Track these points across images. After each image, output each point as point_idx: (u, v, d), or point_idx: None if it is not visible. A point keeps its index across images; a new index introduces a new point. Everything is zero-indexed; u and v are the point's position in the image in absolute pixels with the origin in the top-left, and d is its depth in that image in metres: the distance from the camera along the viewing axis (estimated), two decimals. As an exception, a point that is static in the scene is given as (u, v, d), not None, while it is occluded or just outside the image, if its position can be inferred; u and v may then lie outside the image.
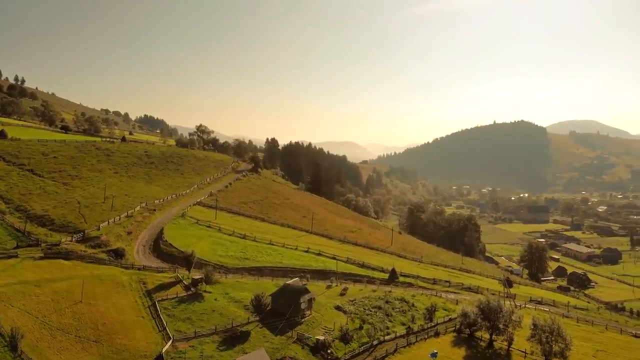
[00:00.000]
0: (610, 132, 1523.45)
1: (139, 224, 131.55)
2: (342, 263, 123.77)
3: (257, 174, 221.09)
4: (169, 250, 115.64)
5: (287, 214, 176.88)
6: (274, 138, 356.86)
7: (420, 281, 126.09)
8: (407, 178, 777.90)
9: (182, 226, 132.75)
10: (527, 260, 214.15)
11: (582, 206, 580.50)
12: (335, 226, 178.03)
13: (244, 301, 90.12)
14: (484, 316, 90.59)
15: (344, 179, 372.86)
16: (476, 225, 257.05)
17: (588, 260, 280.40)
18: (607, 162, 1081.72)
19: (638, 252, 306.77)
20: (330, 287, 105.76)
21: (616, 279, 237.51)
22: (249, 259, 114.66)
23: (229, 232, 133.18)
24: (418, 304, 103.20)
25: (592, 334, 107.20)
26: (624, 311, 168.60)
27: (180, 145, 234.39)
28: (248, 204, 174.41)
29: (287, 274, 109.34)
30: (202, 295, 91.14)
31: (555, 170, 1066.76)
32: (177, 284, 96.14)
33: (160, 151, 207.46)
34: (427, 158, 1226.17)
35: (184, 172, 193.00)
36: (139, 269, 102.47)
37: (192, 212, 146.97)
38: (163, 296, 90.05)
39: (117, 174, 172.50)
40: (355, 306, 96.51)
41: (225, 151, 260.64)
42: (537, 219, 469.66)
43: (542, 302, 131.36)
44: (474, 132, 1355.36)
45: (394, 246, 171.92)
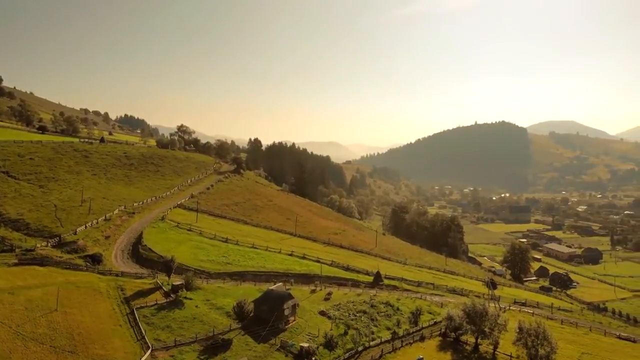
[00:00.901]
0: (590, 132, 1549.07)
1: (117, 227, 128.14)
2: (326, 266, 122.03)
3: (240, 175, 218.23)
4: (149, 255, 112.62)
5: (271, 216, 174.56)
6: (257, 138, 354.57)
7: (405, 284, 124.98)
8: (390, 178, 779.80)
9: (162, 230, 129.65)
10: (510, 261, 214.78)
11: (563, 206, 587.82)
12: (319, 228, 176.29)
13: (225, 308, 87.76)
14: (470, 320, 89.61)
15: (327, 180, 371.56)
16: (459, 226, 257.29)
17: (569, 260, 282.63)
18: (586, 162, 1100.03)
19: (619, 252, 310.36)
20: (315, 291, 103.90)
21: (597, 279, 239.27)
22: (231, 263, 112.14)
23: (210, 236, 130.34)
24: (403, 308, 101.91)
25: (576, 336, 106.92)
26: (606, 312, 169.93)
27: (160, 146, 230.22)
28: (230, 206, 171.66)
29: (271, 278, 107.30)
30: (183, 302, 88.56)
31: (535, 170, 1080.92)
32: (157, 291, 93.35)
33: (140, 152, 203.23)
34: (409, 158, 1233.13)
35: (165, 174, 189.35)
36: (117, 275, 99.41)
37: (173, 215, 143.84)
38: (142, 303, 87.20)
39: (95, 176, 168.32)
40: (340, 311, 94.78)
41: (207, 152, 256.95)
42: (519, 219, 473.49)
43: (526, 303, 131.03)
44: (455, 132, 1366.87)
45: (378, 248, 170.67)
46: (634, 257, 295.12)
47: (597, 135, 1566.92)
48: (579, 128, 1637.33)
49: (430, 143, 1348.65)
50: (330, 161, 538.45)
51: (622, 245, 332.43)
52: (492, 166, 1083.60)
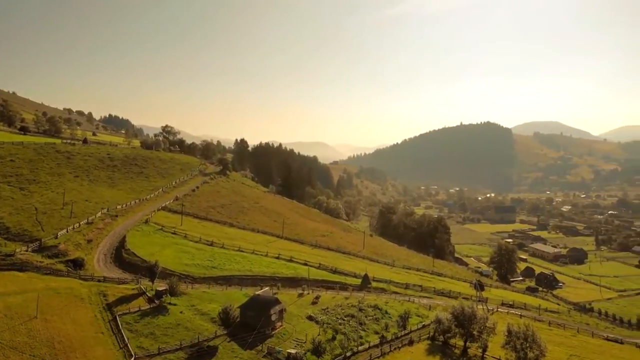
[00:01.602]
0: (573, 133, 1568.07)
1: (100, 231, 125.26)
2: (314, 269, 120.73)
3: (226, 176, 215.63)
4: (132, 259, 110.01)
5: (257, 218, 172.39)
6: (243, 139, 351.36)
7: (393, 286, 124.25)
8: (377, 179, 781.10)
9: (145, 233, 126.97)
10: (497, 261, 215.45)
11: (547, 206, 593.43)
12: (306, 230, 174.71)
13: (211, 313, 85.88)
14: (458, 323, 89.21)
15: (314, 181, 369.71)
16: (446, 226, 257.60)
17: (555, 260, 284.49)
18: (570, 163, 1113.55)
19: (603, 252, 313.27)
20: (302, 295, 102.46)
21: (583, 279, 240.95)
22: (216, 267, 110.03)
23: (195, 239, 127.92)
24: (391, 311, 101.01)
25: (564, 337, 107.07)
26: (592, 312, 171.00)
27: (145, 146, 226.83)
28: (216, 208, 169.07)
29: (257, 282, 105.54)
30: (167, 308, 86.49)
31: (520, 170, 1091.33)
32: (140, 296, 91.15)
33: (123, 153, 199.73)
34: (396, 158, 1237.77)
35: (149, 176, 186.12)
36: (99, 281, 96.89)
37: (157, 218, 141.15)
38: (125, 310, 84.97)
39: (77, 178, 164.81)
40: (328, 315, 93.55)
41: (192, 152, 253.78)
42: (504, 219, 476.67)
43: (514, 305, 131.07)
44: (441, 133, 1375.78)
45: (366, 250, 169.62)
46: (619, 257, 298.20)
47: (581, 135, 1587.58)
48: (562, 128, 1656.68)
49: (417, 143, 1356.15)
50: (317, 162, 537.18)
51: (607, 245, 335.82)
52: (477, 166, 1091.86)
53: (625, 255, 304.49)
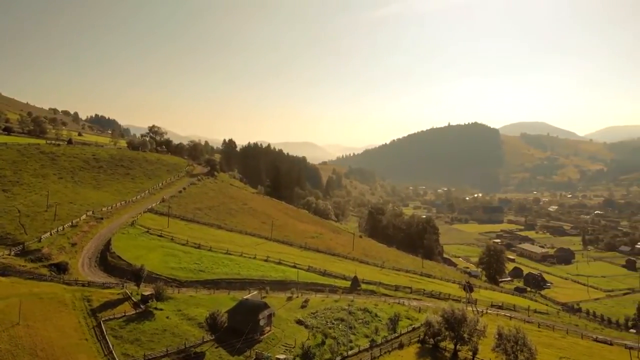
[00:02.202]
0: (560, 133, 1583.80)
1: (84, 234, 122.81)
2: (303, 272, 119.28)
3: (214, 177, 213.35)
4: (117, 263, 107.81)
5: (246, 220, 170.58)
6: (231, 139, 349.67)
7: (383, 288, 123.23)
8: (366, 179, 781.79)
9: (131, 236, 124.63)
10: (486, 262, 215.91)
11: (535, 206, 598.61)
12: (295, 232, 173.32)
13: (198, 318, 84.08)
14: (449, 326, 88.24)
15: (303, 181, 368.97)
16: (435, 227, 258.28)
17: (543, 260, 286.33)
18: (556, 163, 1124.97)
19: (590, 252, 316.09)
20: (291, 298, 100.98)
21: (571, 279, 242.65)
22: (204, 271, 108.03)
23: (182, 242, 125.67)
24: (381, 314, 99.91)
25: (553, 339, 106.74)
26: (580, 312, 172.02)
27: (131, 147, 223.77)
28: (203, 210, 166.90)
29: (245, 286, 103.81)
30: (153, 313, 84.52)
31: (507, 170, 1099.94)
32: (126, 301, 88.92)
33: (109, 154, 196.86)
34: (385, 159, 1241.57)
35: (135, 177, 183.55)
36: (83, 285, 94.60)
37: (143, 220, 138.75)
38: (109, 315, 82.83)
39: (61, 180, 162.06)
40: (317, 319, 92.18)
41: (179, 153, 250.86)
42: (492, 219, 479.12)
43: (503, 306, 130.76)
44: (429, 133, 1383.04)
45: (355, 251, 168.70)
46: (606, 257, 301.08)
47: (567, 136, 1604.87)
48: (549, 129, 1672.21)
49: (405, 144, 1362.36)
50: (306, 162, 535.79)
51: (594, 245, 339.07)
52: (465, 166, 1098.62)
53: (612, 255, 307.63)
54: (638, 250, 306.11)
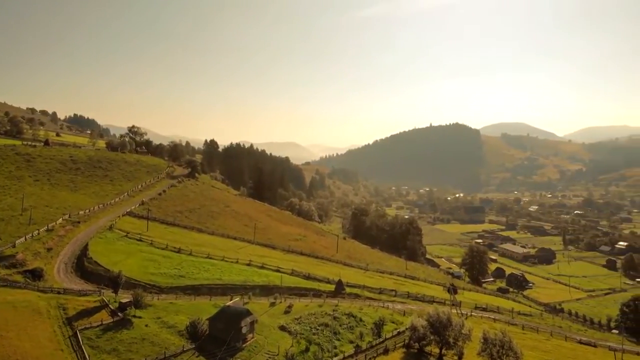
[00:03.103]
0: (539, 134, 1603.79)
1: (60, 238, 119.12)
2: (286, 276, 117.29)
3: (195, 179, 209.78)
4: (95, 269, 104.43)
5: (228, 223, 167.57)
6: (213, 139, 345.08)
7: (367, 291, 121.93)
8: (349, 179, 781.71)
9: (109, 240, 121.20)
10: (469, 263, 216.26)
11: (515, 206, 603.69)
12: (279, 234, 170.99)
13: (178, 326, 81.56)
14: (434, 330, 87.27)
15: (287, 183, 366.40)
16: (418, 228, 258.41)
17: (524, 260, 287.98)
18: (536, 163, 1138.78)
19: (571, 252, 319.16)
20: (275, 304, 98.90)
21: (552, 279, 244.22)
22: (184, 276, 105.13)
23: (162, 246, 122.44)
24: (366, 318, 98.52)
25: (538, 342, 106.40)
26: (563, 313, 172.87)
27: (110, 148, 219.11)
28: (184, 213, 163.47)
29: (227, 291, 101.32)
30: (131, 322, 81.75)
31: (488, 170, 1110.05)
32: (103, 309, 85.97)
33: (87, 156, 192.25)
34: (368, 159, 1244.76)
35: (113, 179, 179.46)
36: (59, 293, 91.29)
37: (122, 224, 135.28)
38: (86, 324, 79.83)
39: (38, 182, 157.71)
40: (301, 325, 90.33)
41: (159, 154, 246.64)
42: (474, 219, 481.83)
43: (487, 308, 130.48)
44: (411, 134, 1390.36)
45: (339, 254, 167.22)
46: (586, 257, 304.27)
47: (547, 136, 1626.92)
48: (529, 130, 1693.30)
49: (388, 144, 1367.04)
50: (289, 163, 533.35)
51: (574, 245, 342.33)
52: (446, 167, 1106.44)
53: (592, 255, 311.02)
54: (618, 250, 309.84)
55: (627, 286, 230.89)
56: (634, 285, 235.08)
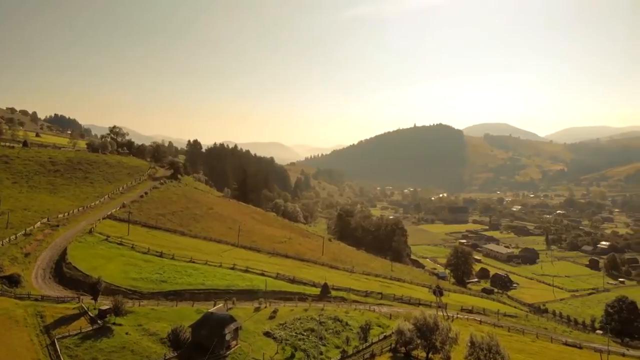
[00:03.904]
0: (521, 134, 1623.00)
1: (39, 243, 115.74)
2: (271, 280, 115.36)
3: (177, 180, 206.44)
4: (74, 274, 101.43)
5: (211, 225, 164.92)
6: (196, 140, 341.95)
7: (353, 294, 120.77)
8: (334, 180, 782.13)
9: (89, 244, 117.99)
10: (454, 264, 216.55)
11: (498, 206, 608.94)
12: (263, 237, 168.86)
13: (160, 334, 79.26)
14: (421, 334, 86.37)
15: (272, 184, 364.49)
16: (403, 229, 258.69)
17: (508, 260, 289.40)
18: (519, 163, 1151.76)
19: (554, 252, 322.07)
20: (259, 309, 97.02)
21: (536, 279, 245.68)
22: (166, 281, 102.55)
23: (143, 250, 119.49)
24: (352, 322, 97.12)
25: (524, 344, 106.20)
26: (547, 313, 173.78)
27: (91, 149, 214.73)
28: (166, 215, 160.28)
29: (210, 296, 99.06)
30: (111, 329, 79.34)
31: (471, 171, 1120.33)
32: (82, 317, 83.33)
33: (66, 157, 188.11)
34: (353, 159, 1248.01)
35: (94, 181, 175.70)
36: (36, 300, 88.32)
37: (102, 227, 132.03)
38: (64, 332, 77.23)
39: (15, 185, 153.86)
40: (286, 331, 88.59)
41: (141, 155, 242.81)
42: (458, 219, 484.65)
43: (473, 310, 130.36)
44: (396, 134, 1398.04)
45: (325, 256, 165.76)
46: (569, 257, 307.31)
47: (528, 137, 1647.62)
48: (511, 130, 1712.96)
49: (372, 144, 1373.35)
50: (274, 163, 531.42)
51: (557, 244, 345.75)
52: (430, 167, 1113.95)
53: (575, 254, 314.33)
54: (600, 250, 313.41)
55: (610, 286, 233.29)
56: (616, 285, 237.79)
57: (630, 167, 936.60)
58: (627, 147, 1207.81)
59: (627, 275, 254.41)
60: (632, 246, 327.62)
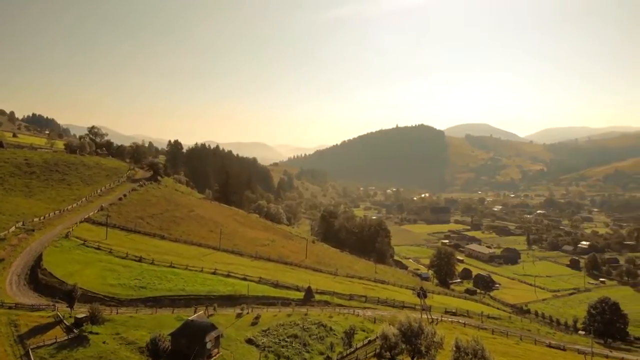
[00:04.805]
0: (502, 135, 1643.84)
1: (13, 248, 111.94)
2: (253, 284, 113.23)
3: (157, 182, 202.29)
4: (49, 281, 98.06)
5: (192, 228, 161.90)
6: (177, 140, 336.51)
7: (337, 298, 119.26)
8: (317, 180, 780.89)
9: (65, 249, 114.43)
10: (437, 265, 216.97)
11: (480, 206, 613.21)
12: (246, 240, 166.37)
13: (138, 342, 76.69)
14: (405, 339, 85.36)
15: (254, 184, 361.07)
16: (386, 230, 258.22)
17: (490, 260, 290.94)
18: (499, 163, 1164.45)
19: (535, 252, 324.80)
20: (241, 315, 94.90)
21: (517, 279, 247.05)
22: (145, 287, 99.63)
23: (122, 255, 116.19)
24: (336, 327, 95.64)
25: (508, 346, 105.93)
26: (529, 314, 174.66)
27: (69, 150, 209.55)
28: (145, 219, 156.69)
29: (191, 302, 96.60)
30: (88, 339, 76.53)
31: (453, 171, 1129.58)
32: (57, 325, 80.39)
33: (43, 158, 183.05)
34: (336, 159, 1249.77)
35: (71, 183, 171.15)
36: (10, 308, 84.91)
37: (79, 232, 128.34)
38: (39, 342, 74.21)
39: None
40: (269, 337, 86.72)
41: (120, 156, 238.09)
42: (440, 219, 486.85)
43: (457, 313, 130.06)
44: (378, 135, 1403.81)
45: (308, 259, 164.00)
46: (550, 257, 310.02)
47: (509, 137, 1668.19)
48: (492, 130, 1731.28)
49: (355, 144, 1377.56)
50: (257, 164, 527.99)
51: (538, 244, 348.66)
52: (413, 167, 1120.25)
53: (556, 254, 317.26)
54: (580, 250, 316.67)
55: (591, 286, 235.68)
56: (597, 285, 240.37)
57: (608, 167, 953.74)
58: (605, 147, 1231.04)
59: (608, 275, 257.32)
60: (612, 246, 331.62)
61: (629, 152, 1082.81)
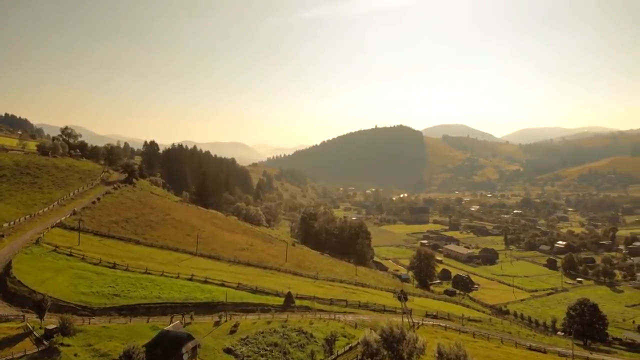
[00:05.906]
0: (478, 135, 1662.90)
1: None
2: (232, 290, 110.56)
3: (132, 185, 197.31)
4: (19, 289, 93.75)
5: (168, 233, 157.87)
6: (153, 141, 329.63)
7: (317, 303, 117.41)
8: (297, 180, 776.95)
9: (35, 256, 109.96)
10: (417, 267, 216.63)
11: (457, 206, 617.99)
12: (224, 244, 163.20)
13: (111, 354, 73.79)
14: (387, 345, 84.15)
15: (233, 186, 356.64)
16: (367, 232, 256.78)
17: (468, 261, 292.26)
18: (476, 164, 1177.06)
19: (513, 252, 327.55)
20: (219, 323, 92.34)
21: (496, 279, 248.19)
22: (119, 295, 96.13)
23: (95, 261, 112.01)
24: (317, 334, 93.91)
25: (489, 350, 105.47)
26: (508, 314, 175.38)
27: (41, 151, 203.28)
28: (120, 223, 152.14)
29: (167, 310, 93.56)
30: (58, 351, 73.38)
31: (431, 171, 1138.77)
32: (27, 337, 77.02)
33: (13, 161, 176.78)
34: (315, 160, 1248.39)
35: (43, 186, 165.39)
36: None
37: (50, 237, 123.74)
38: (7, 355, 70.87)
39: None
40: (248, 346, 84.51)
41: (95, 157, 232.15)
42: (419, 220, 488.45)
43: (438, 316, 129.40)
44: (357, 135, 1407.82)
45: (288, 263, 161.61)
46: (527, 257, 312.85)
47: (485, 138, 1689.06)
48: (469, 131, 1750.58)
49: (335, 145, 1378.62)
50: (235, 164, 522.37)
51: (515, 244, 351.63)
52: (391, 168, 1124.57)
53: (533, 254, 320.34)
54: (557, 250, 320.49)
55: (568, 286, 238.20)
56: (574, 284, 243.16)
57: (582, 167, 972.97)
58: (579, 147, 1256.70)
59: (585, 275, 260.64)
60: (587, 245, 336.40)
61: (602, 152, 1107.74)
